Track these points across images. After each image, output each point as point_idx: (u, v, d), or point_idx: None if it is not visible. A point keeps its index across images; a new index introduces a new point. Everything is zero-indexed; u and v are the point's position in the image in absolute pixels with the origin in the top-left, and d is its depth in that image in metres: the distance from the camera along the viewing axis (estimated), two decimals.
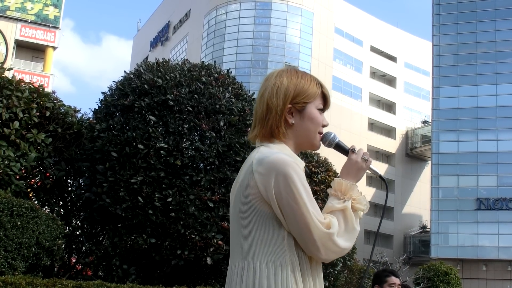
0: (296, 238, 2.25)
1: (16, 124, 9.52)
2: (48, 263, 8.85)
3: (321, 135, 2.52)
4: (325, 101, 2.55)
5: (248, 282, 2.24)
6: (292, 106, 2.44)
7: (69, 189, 10.85)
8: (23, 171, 9.86)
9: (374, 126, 66.43)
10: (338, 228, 2.27)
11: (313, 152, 14.53)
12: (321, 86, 2.54)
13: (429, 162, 58.87)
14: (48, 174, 10.26)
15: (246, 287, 2.24)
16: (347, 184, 2.39)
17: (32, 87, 10.33)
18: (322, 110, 2.53)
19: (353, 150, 2.50)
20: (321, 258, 2.30)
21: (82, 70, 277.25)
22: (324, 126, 2.51)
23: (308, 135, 2.47)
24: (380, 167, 64.54)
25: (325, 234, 2.23)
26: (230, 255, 2.42)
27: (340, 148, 2.54)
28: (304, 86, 2.47)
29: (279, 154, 2.30)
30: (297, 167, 2.28)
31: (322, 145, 2.54)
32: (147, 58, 65.52)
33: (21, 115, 9.61)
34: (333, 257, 2.31)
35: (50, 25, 44.50)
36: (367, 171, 2.52)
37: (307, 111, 2.46)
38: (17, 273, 7.90)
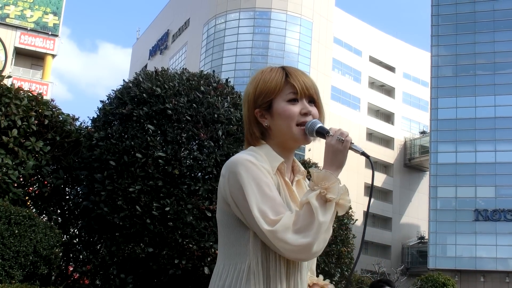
0: None
1: (15, 132, 9.52)
2: (46, 271, 8.83)
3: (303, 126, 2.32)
4: (297, 89, 2.32)
5: (217, 284, 2.25)
6: (259, 109, 2.37)
7: (67, 197, 10.83)
8: (21, 179, 9.85)
9: (372, 136, 66.49)
10: (288, 224, 2.08)
11: (312, 162, 14.54)
12: (288, 75, 2.35)
13: (427, 172, 58.90)
14: (46, 182, 10.25)
15: None
16: (319, 173, 2.17)
17: (31, 95, 10.34)
18: (295, 100, 2.32)
19: (327, 133, 2.25)
20: (286, 256, 2.16)
21: (78, 77, 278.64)
22: (304, 114, 2.32)
23: (283, 131, 2.33)
24: (378, 178, 64.53)
25: (267, 232, 2.09)
26: None
27: (321, 134, 2.29)
28: (262, 85, 2.36)
29: (237, 155, 2.28)
30: (250, 164, 2.21)
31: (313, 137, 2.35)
32: (146, 66, 65.73)
33: (19, 123, 9.62)
34: (294, 256, 2.13)
35: (50, 33, 44.56)
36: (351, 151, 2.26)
37: (273, 108, 2.33)
38: (14, 281, 7.88)
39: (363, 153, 2.26)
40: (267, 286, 2.19)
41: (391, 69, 69.58)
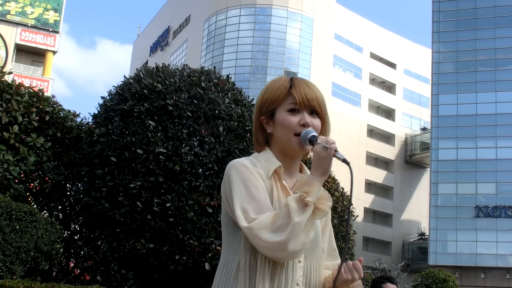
0: None
1: (16, 128, 9.53)
2: (47, 267, 8.84)
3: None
4: (297, 100, 2.40)
5: (214, 281, 2.40)
6: (264, 116, 2.48)
7: (68, 193, 10.84)
8: (22, 175, 9.85)
9: (373, 132, 66.46)
10: (265, 223, 2.18)
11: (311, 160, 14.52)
12: (292, 86, 2.44)
13: (428, 169, 58.88)
14: (47, 178, 10.25)
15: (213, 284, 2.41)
16: (302, 178, 2.26)
17: (31, 91, 10.33)
18: (295, 110, 2.41)
19: (315, 141, 2.34)
20: (265, 254, 2.24)
21: (77, 74, 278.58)
22: (303, 125, 2.39)
23: (282, 139, 2.43)
24: (379, 174, 64.55)
25: (245, 229, 2.21)
26: None
27: (312, 143, 2.36)
28: (268, 93, 2.47)
29: (235, 159, 2.41)
30: (242, 167, 2.34)
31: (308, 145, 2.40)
32: (146, 63, 65.63)
33: (20, 119, 9.62)
34: (271, 253, 2.21)
35: (50, 30, 44.52)
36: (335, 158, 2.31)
37: (275, 116, 2.43)
38: (15, 277, 7.89)
39: (344, 160, 2.31)
40: (251, 284, 2.27)
41: (392, 65, 69.50)
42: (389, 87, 69.59)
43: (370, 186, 63.74)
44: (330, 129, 2.54)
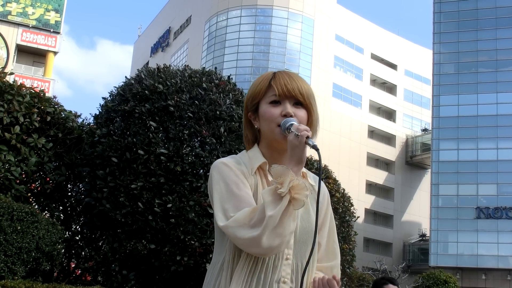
0: None
1: (17, 128, 9.53)
2: (48, 268, 8.85)
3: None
4: (277, 91, 2.36)
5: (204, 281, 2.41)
6: (251, 112, 2.46)
7: (69, 194, 10.85)
8: (24, 176, 9.86)
9: (374, 133, 66.39)
10: (241, 219, 2.14)
11: (313, 159, 14.54)
12: (272, 77, 2.43)
13: (429, 170, 58.81)
14: (48, 179, 10.26)
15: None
16: (276, 169, 2.17)
17: (33, 92, 10.34)
18: (277, 102, 2.36)
19: (289, 130, 2.26)
20: (244, 250, 2.22)
21: (77, 74, 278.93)
22: (284, 116, 2.33)
23: (266, 132, 2.39)
24: (379, 175, 64.52)
25: (222, 228, 2.19)
26: None
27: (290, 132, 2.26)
28: (252, 90, 2.46)
29: (219, 159, 2.43)
30: (223, 166, 2.34)
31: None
32: (147, 63, 65.63)
33: (22, 119, 9.62)
34: (248, 249, 2.18)
35: (51, 30, 44.52)
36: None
37: (259, 110, 2.41)
38: (16, 277, 7.90)
39: (313, 147, 2.19)
40: (231, 281, 2.25)
41: (393, 66, 69.44)
42: (390, 88, 69.53)
43: (371, 187, 63.70)
44: (318, 120, 2.48)
